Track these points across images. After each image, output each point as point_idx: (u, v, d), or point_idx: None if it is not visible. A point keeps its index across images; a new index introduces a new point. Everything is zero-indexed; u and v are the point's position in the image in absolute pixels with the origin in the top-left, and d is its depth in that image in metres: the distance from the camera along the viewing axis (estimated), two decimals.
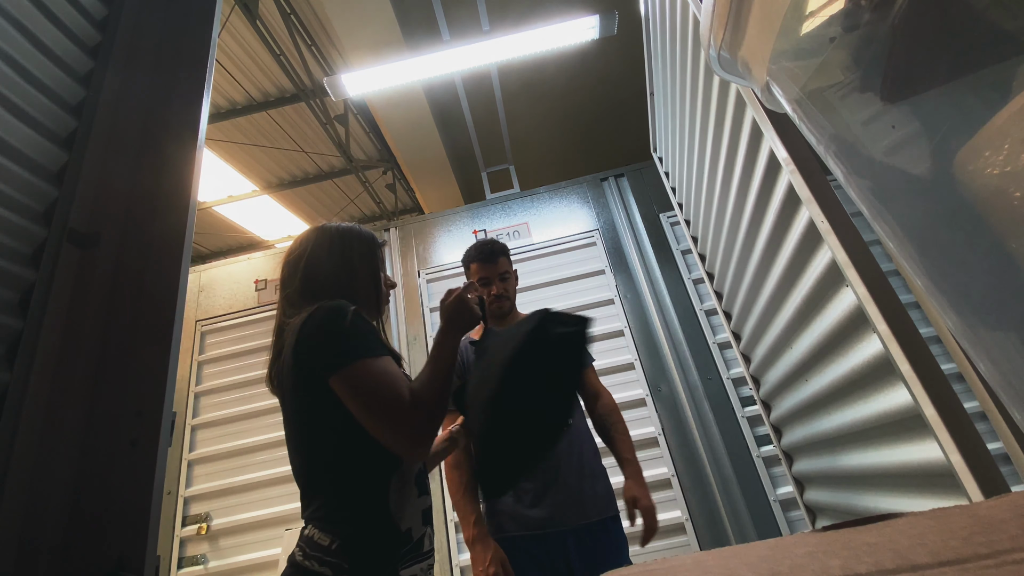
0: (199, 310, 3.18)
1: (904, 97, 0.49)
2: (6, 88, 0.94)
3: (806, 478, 1.99)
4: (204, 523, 2.62)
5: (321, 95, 4.15)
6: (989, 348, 0.43)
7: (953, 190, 0.44)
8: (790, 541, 0.30)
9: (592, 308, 2.85)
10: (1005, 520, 0.27)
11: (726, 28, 0.71)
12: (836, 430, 1.47)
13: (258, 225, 6.02)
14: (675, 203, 2.69)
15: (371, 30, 3.26)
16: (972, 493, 0.84)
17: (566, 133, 5.28)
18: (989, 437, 0.93)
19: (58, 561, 0.77)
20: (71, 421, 0.86)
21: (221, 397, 2.92)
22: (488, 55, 3.01)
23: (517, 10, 3.66)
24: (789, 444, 2.05)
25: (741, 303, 2.04)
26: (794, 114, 0.62)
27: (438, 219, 3.28)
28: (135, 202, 1.07)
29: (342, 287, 1.01)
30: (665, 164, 2.77)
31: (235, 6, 3.26)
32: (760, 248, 1.60)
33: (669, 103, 2.22)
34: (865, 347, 1.16)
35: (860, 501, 1.46)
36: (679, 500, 2.40)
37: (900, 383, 1.06)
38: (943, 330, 1.73)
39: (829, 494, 1.74)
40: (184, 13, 1.31)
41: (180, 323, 0.97)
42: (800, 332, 1.52)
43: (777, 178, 1.34)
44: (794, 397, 1.77)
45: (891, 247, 0.53)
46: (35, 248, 0.94)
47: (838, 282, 1.19)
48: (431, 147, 4.49)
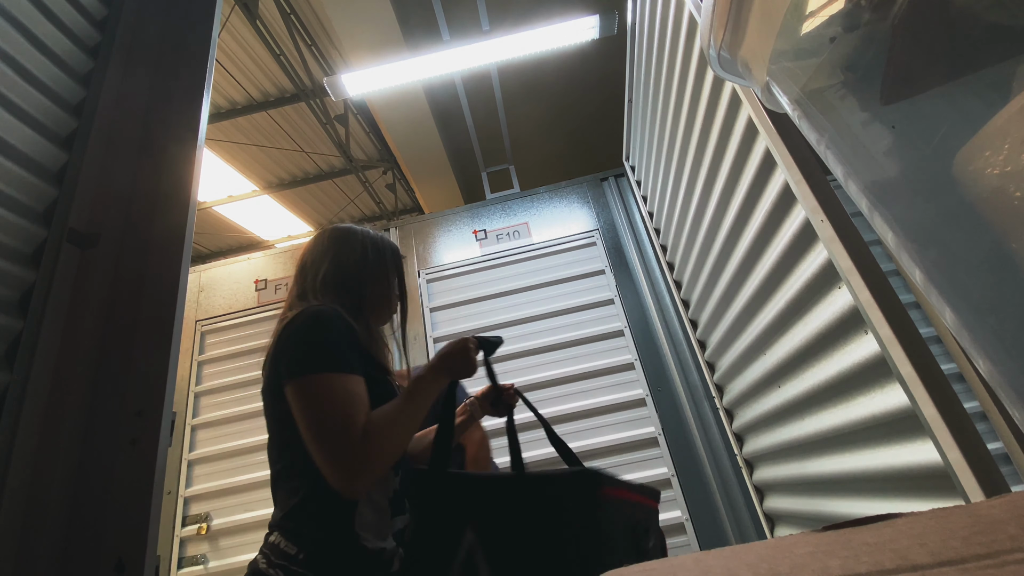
0: (199, 310, 3.18)
1: (904, 97, 0.49)
2: (6, 88, 0.94)
3: (767, 486, 2.00)
4: (204, 523, 2.62)
5: (321, 95, 4.15)
6: (989, 348, 0.43)
7: (953, 190, 0.44)
8: (790, 541, 0.30)
9: (592, 308, 2.85)
10: (1005, 520, 0.27)
11: (726, 28, 0.71)
12: (808, 436, 1.46)
13: (258, 225, 6.02)
14: (645, 213, 2.72)
15: (371, 30, 3.26)
16: (972, 493, 0.84)
17: (566, 133, 5.28)
18: (989, 437, 0.93)
19: (58, 561, 0.77)
20: (71, 421, 0.86)
21: (221, 397, 2.92)
22: (488, 55, 3.01)
23: (517, 10, 3.66)
24: (751, 452, 2.06)
25: (711, 311, 2.05)
26: (794, 114, 0.62)
27: (438, 219, 3.28)
28: (135, 202, 1.07)
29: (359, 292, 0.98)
30: (637, 173, 2.79)
31: (235, 6, 3.26)
32: (742, 252, 1.59)
33: (650, 108, 2.22)
34: (855, 349, 1.14)
35: (828, 507, 1.46)
36: (679, 500, 2.39)
37: (891, 384, 1.05)
38: (943, 330, 1.73)
39: (792, 501, 1.74)
40: (184, 13, 1.31)
41: (180, 323, 0.97)
42: (778, 337, 1.52)
43: (769, 179, 1.34)
44: (762, 405, 1.77)
45: (891, 247, 0.53)
46: (35, 248, 0.94)
47: (831, 283, 1.19)
48: (431, 147, 4.49)
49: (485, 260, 3.07)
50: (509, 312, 2.87)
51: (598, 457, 2.49)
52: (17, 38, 0.98)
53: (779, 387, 1.59)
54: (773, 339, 1.55)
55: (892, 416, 1.07)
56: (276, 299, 3.14)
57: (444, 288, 2.99)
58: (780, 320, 1.46)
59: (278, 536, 0.80)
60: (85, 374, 0.90)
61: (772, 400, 1.66)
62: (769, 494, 2.01)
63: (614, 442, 2.51)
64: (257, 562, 0.79)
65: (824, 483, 1.46)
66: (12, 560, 0.74)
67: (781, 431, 1.67)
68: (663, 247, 2.57)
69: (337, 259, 0.99)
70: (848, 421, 1.23)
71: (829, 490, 1.45)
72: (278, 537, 0.80)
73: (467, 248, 3.14)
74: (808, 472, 1.53)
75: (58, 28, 1.09)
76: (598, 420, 2.58)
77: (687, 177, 1.91)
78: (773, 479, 1.88)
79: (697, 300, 2.23)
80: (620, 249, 3.00)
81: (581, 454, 2.48)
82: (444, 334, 2.83)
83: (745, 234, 1.55)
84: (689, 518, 2.35)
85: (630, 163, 2.89)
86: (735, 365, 1.94)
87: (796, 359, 1.42)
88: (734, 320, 1.82)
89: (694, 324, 2.39)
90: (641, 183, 2.75)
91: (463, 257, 3.10)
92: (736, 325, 1.82)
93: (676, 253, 2.37)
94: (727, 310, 1.88)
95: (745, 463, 2.15)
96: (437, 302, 2.96)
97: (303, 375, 0.78)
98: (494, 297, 2.93)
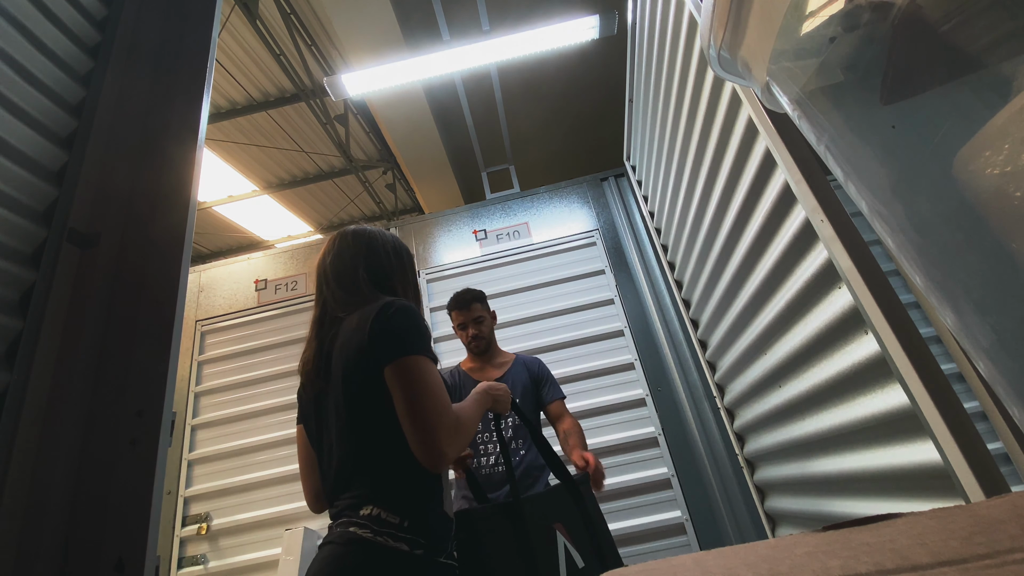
0: (199, 310, 3.18)
1: (904, 97, 0.49)
2: (6, 88, 0.94)
3: (768, 486, 2.00)
4: (204, 523, 2.62)
5: (321, 95, 4.15)
6: (989, 348, 0.43)
7: (953, 190, 0.44)
8: (790, 541, 0.30)
9: (592, 308, 2.85)
10: (1005, 520, 0.27)
11: (726, 28, 0.71)
12: (809, 436, 1.46)
13: (258, 225, 6.02)
14: (646, 212, 2.72)
15: (371, 30, 3.26)
16: (972, 493, 0.84)
17: (566, 133, 5.28)
18: (989, 437, 0.93)
19: (58, 561, 0.77)
20: (71, 421, 0.86)
21: (221, 397, 2.92)
22: (488, 55, 3.01)
23: (517, 10, 3.66)
24: (752, 452, 2.06)
25: (711, 310, 2.05)
26: (794, 114, 0.62)
27: (438, 219, 3.29)
28: (135, 202, 1.07)
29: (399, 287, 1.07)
30: (638, 173, 2.79)
31: (235, 6, 3.27)
32: (742, 252, 1.59)
33: (651, 108, 2.22)
34: (855, 349, 1.15)
35: (828, 507, 1.46)
36: (679, 500, 2.40)
37: (891, 384, 1.05)
38: (943, 330, 1.73)
39: (793, 501, 1.74)
40: (184, 13, 1.31)
41: (180, 323, 0.97)
42: (779, 337, 1.52)
43: (769, 179, 1.34)
44: (763, 404, 1.77)
45: (891, 247, 0.53)
46: (35, 248, 0.94)
47: (831, 283, 1.19)
48: (431, 147, 4.49)
49: (485, 260, 3.07)
50: (509, 312, 2.88)
51: (598, 457, 2.49)
52: (17, 38, 0.98)
53: (780, 387, 1.59)
54: (774, 339, 1.55)
55: (892, 416, 1.07)
56: (276, 299, 3.14)
57: (444, 288, 2.99)
58: (781, 320, 1.46)
59: (375, 508, 0.85)
60: (85, 374, 0.90)
61: (773, 400, 1.66)
62: (770, 494, 2.01)
63: (614, 442, 2.52)
64: (356, 535, 0.82)
65: (825, 483, 1.46)
66: (12, 560, 0.74)
67: (782, 431, 1.67)
68: (663, 247, 2.57)
69: (370, 260, 1.06)
70: (848, 421, 1.23)
71: (829, 490, 1.45)
72: (376, 509, 0.85)
73: (467, 248, 3.14)
74: (809, 472, 1.53)
75: (58, 28, 1.08)
76: (598, 420, 2.58)
77: (687, 177, 1.91)
78: (774, 479, 1.88)
79: (698, 300, 2.23)
80: (620, 249, 3.00)
81: None
82: (444, 334, 2.83)
83: (745, 234, 1.55)
84: (689, 518, 2.36)
85: (630, 163, 2.89)
86: (736, 365, 1.94)
87: (797, 359, 1.42)
88: (735, 320, 1.82)
89: (695, 324, 2.39)
90: (641, 183, 2.75)
91: (463, 257, 3.10)
92: (737, 325, 1.82)
93: (677, 253, 2.37)
94: (728, 310, 1.88)
95: (746, 463, 2.15)
96: (437, 302, 2.96)
97: (410, 355, 0.87)
98: (494, 297, 2.93)
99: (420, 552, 0.82)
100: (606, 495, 2.41)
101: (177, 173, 1.10)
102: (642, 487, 2.44)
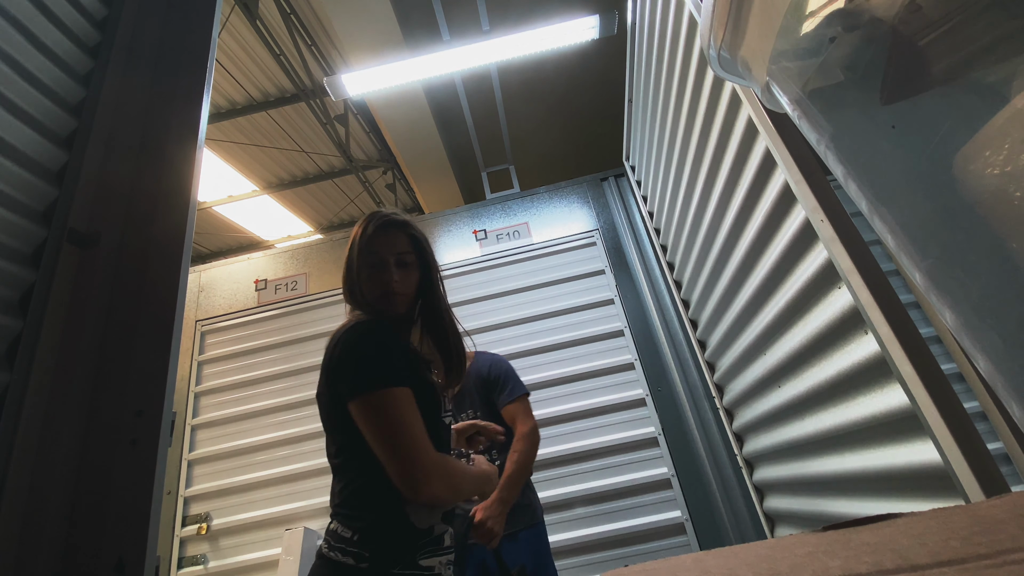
0: (199, 310, 3.18)
1: (904, 97, 0.49)
2: (6, 88, 0.94)
3: (767, 486, 2.00)
4: (204, 523, 2.62)
5: (321, 95, 4.15)
6: (989, 348, 0.43)
7: (953, 190, 0.44)
8: (790, 541, 0.30)
9: (592, 308, 2.85)
10: (1005, 520, 0.27)
11: (726, 28, 0.71)
12: (808, 436, 1.46)
13: (258, 225, 6.02)
14: (646, 212, 2.72)
15: (371, 30, 3.26)
16: (972, 493, 0.84)
17: (566, 133, 5.28)
18: (989, 437, 0.93)
19: (58, 561, 0.77)
20: (71, 421, 0.86)
21: (221, 397, 2.92)
22: (488, 55, 3.01)
23: (517, 10, 3.65)
24: (751, 452, 2.06)
25: (711, 311, 2.05)
26: (794, 114, 0.62)
27: (438, 219, 3.28)
28: (135, 202, 1.07)
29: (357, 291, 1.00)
30: (637, 173, 2.79)
31: (235, 6, 3.27)
32: (742, 252, 1.59)
33: (650, 108, 2.22)
34: (855, 349, 1.14)
35: (828, 507, 1.46)
36: (679, 500, 2.39)
37: (891, 384, 1.05)
38: (943, 330, 1.73)
39: (793, 501, 1.74)
40: (184, 13, 1.31)
41: (180, 323, 0.97)
42: (778, 337, 1.51)
43: (769, 179, 1.34)
44: (762, 404, 1.77)
45: (891, 247, 0.53)
46: (35, 248, 0.94)
47: (831, 283, 1.19)
48: (431, 147, 4.49)
49: (485, 260, 3.07)
50: (509, 312, 2.87)
51: (598, 457, 2.49)
52: (17, 38, 0.98)
53: (779, 387, 1.59)
54: (773, 339, 1.55)
55: (892, 416, 1.07)
56: (276, 299, 3.14)
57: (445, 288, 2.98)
58: (780, 320, 1.46)
59: (335, 523, 0.89)
60: (85, 374, 0.90)
61: (772, 400, 1.66)
62: (769, 494, 2.00)
63: (614, 442, 2.52)
64: (321, 547, 0.89)
65: (824, 483, 1.46)
66: (12, 560, 0.74)
67: (781, 431, 1.67)
68: (663, 247, 2.57)
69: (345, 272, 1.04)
70: (848, 421, 1.23)
71: (829, 490, 1.45)
72: (335, 524, 0.89)
73: (467, 248, 3.13)
74: (808, 472, 1.53)
75: (58, 28, 1.08)
76: (598, 420, 2.58)
77: (687, 177, 1.91)
78: (773, 479, 1.87)
79: (697, 300, 2.23)
80: (620, 249, 3.00)
81: (581, 454, 2.49)
82: None
83: (745, 234, 1.54)
84: (689, 518, 2.35)
85: (630, 163, 2.89)
86: (735, 365, 1.94)
87: (796, 359, 1.42)
88: (734, 320, 1.82)
89: (694, 324, 2.39)
90: (641, 183, 2.75)
91: (463, 257, 3.10)
92: (736, 325, 1.82)
93: (676, 253, 2.37)
94: (727, 310, 1.88)
95: (745, 463, 2.15)
96: None
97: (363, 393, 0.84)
98: (494, 297, 2.93)
99: (365, 566, 0.82)
100: (606, 495, 2.41)
101: (177, 173, 1.10)
102: (642, 487, 2.44)
